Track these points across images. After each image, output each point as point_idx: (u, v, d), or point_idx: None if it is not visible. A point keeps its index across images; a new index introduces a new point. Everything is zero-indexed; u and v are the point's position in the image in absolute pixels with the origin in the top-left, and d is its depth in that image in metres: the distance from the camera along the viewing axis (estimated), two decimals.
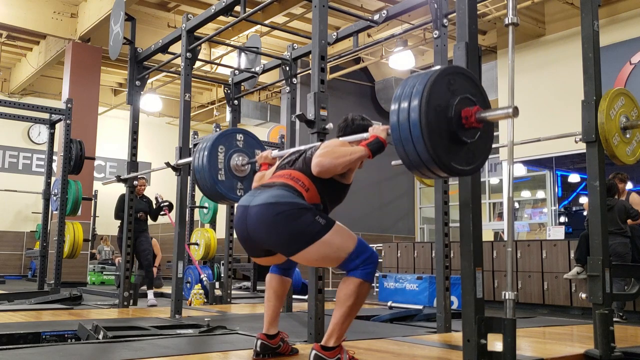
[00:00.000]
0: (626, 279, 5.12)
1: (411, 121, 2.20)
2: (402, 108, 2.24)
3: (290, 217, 2.48)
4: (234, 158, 3.77)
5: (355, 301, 2.51)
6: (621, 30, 9.27)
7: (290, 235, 2.50)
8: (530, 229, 11.72)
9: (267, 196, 2.56)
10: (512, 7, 2.60)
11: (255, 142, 3.90)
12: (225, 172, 3.72)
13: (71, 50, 11.11)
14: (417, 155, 2.22)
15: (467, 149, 2.33)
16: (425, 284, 7.58)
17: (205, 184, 3.70)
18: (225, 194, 3.70)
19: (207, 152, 3.65)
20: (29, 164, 15.35)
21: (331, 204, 2.73)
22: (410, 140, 2.21)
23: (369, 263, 2.53)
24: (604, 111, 3.23)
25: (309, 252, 2.50)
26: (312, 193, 2.62)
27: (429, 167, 2.25)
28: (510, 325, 2.47)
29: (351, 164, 2.56)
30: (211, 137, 3.75)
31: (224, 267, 7.05)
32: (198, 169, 3.71)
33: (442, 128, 2.23)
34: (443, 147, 2.23)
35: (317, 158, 2.56)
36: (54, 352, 3.08)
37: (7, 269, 14.29)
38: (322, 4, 3.88)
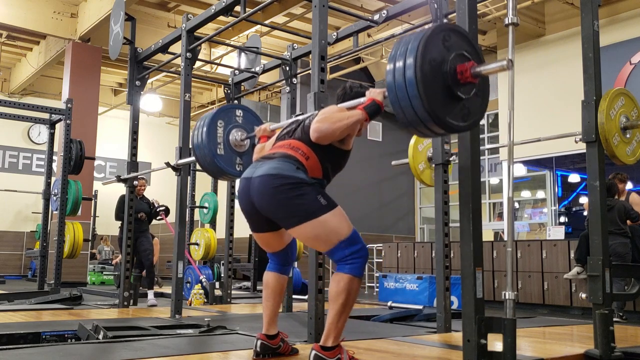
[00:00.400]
0: (626, 279, 5.12)
1: (407, 78, 2.21)
2: (398, 67, 2.25)
3: (291, 191, 2.51)
4: (233, 133, 3.77)
5: (347, 298, 2.50)
6: (621, 30, 9.27)
7: (290, 208, 2.52)
8: (530, 229, 11.72)
9: (269, 167, 2.58)
10: (512, 7, 2.60)
11: (254, 118, 3.90)
12: (224, 147, 3.73)
13: (71, 50, 11.11)
14: (413, 112, 2.24)
15: (462, 105, 2.35)
16: (425, 284, 7.58)
17: (205, 158, 3.71)
18: (224, 169, 3.71)
19: (206, 128, 3.66)
20: (29, 164, 15.36)
21: (333, 171, 2.75)
22: (407, 97, 2.23)
23: (358, 257, 2.52)
24: (604, 111, 3.23)
25: (304, 228, 2.52)
26: (313, 161, 2.63)
27: (426, 124, 2.27)
28: (510, 325, 2.47)
29: (349, 129, 2.57)
30: (210, 113, 3.76)
31: (224, 267, 7.05)
32: (197, 145, 3.71)
33: (437, 83, 2.25)
34: (439, 103, 2.25)
35: (315, 124, 2.58)
36: (54, 352, 3.08)
37: (7, 269, 14.30)
38: (322, 4, 3.88)
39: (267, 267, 2.94)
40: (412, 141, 4.65)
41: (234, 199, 7.24)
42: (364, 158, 13.04)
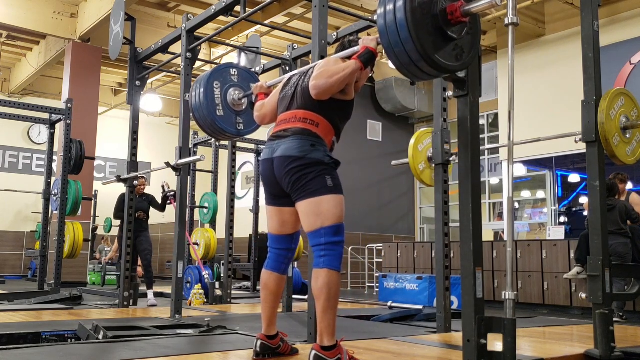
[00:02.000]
0: (626, 279, 5.12)
1: (398, 21, 2.25)
2: (388, 10, 2.29)
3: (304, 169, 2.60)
4: (230, 93, 3.78)
5: (329, 292, 2.52)
6: (621, 30, 9.27)
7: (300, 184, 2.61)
8: (530, 229, 11.72)
9: (286, 148, 2.67)
10: (512, 7, 2.60)
11: (249, 76, 3.90)
12: (223, 108, 3.74)
13: (71, 50, 11.11)
14: (406, 55, 2.28)
15: (455, 45, 2.39)
16: (425, 284, 7.58)
17: (205, 120, 3.71)
18: (225, 129, 3.72)
19: (203, 89, 3.66)
20: (29, 164, 15.36)
21: (342, 123, 2.82)
22: (399, 41, 2.26)
23: (331, 249, 2.56)
24: (604, 111, 3.23)
25: (304, 203, 2.62)
26: (323, 125, 2.71)
27: (419, 66, 2.31)
28: (510, 325, 2.47)
29: (346, 79, 2.62)
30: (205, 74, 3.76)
31: (224, 267, 7.05)
32: (196, 107, 3.71)
33: (428, 25, 2.29)
34: (431, 44, 2.29)
35: (313, 81, 2.64)
36: (54, 352, 3.08)
37: (7, 269, 14.31)
38: (322, 4, 3.88)
39: (265, 265, 2.89)
40: (412, 141, 4.65)
41: (234, 199, 7.25)
42: (364, 158, 13.03)
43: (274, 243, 2.89)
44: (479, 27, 2.56)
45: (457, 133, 2.75)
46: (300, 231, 2.89)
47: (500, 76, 11.02)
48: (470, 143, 2.67)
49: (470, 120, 2.70)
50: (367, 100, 13.62)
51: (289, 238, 2.88)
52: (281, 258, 2.88)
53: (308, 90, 2.71)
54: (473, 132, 2.69)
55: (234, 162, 7.35)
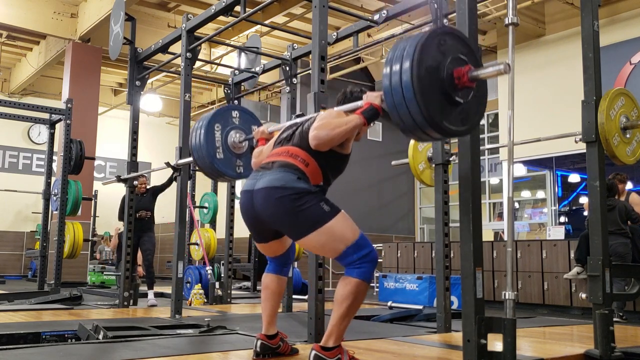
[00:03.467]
0: (626, 279, 5.12)
1: (403, 83, 2.19)
2: (394, 71, 2.24)
3: (294, 202, 2.50)
4: (231, 135, 3.76)
5: (353, 301, 2.50)
6: (621, 30, 9.27)
7: (294, 220, 2.52)
8: (530, 229, 11.72)
9: (270, 179, 2.58)
10: (512, 7, 2.60)
11: (251, 118, 3.89)
12: (223, 150, 3.71)
13: (71, 50, 11.11)
14: (411, 118, 2.22)
15: (461, 109, 2.32)
16: (425, 284, 7.58)
17: (204, 162, 3.70)
18: (224, 172, 3.70)
19: (204, 131, 3.64)
20: (29, 164, 15.36)
21: (333, 175, 2.74)
22: (404, 103, 2.20)
23: (367, 261, 2.51)
24: (604, 111, 3.23)
25: (311, 238, 2.52)
26: (312, 167, 2.62)
27: (424, 130, 2.25)
28: (510, 325, 2.47)
29: (348, 134, 2.56)
30: (207, 115, 3.75)
31: (224, 267, 7.05)
32: (196, 148, 3.70)
33: (434, 89, 2.23)
34: (436, 108, 2.22)
35: (314, 131, 2.57)
36: (54, 352, 3.08)
37: (7, 269, 14.30)
38: (322, 4, 3.88)
39: (266, 269, 2.95)
40: (412, 141, 4.65)
41: (234, 199, 7.24)
42: (364, 158, 13.03)
43: (269, 258, 2.95)
44: (486, 92, 2.47)
45: None
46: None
47: (500, 76, 11.00)
48: (470, 143, 2.67)
49: None
50: None
51: (283, 255, 2.92)
52: (281, 262, 2.93)
53: (307, 135, 2.64)
54: (473, 132, 2.68)
55: None
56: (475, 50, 2.43)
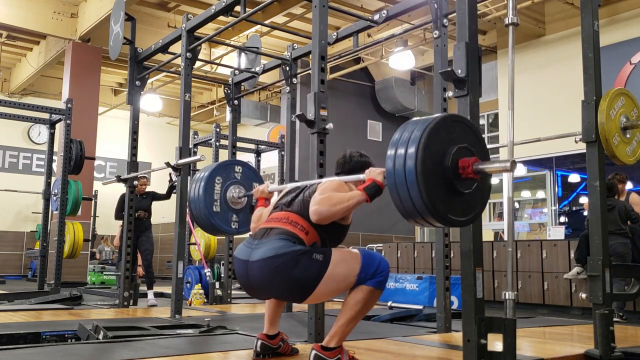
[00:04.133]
0: (626, 279, 5.12)
1: (407, 168, 2.17)
2: (399, 154, 2.22)
3: (289, 266, 2.44)
4: (231, 190, 3.73)
5: (363, 307, 2.53)
6: (621, 30, 9.27)
7: (293, 285, 2.47)
8: (530, 229, 11.71)
9: (266, 250, 2.51)
10: (512, 7, 2.61)
11: (253, 175, 3.88)
12: (220, 204, 3.67)
13: (71, 50, 11.11)
14: (411, 203, 2.19)
15: (463, 199, 2.29)
16: (425, 284, 7.58)
17: (200, 214, 3.66)
18: (219, 227, 3.66)
19: (204, 183, 3.62)
20: (29, 164, 15.35)
21: (332, 245, 2.67)
22: (405, 186, 2.18)
23: (380, 272, 2.54)
24: (604, 111, 3.23)
25: (318, 293, 2.50)
26: (312, 235, 2.57)
27: (424, 216, 2.22)
28: (510, 325, 2.47)
29: (349, 210, 2.52)
30: (209, 167, 3.72)
31: (224, 267, 7.05)
32: (194, 200, 3.66)
33: (438, 176, 2.20)
34: (438, 196, 2.19)
35: (315, 206, 2.51)
36: (54, 352, 3.08)
37: (7, 269, 14.29)
38: (322, 4, 3.88)
39: None
40: None
41: None
42: None
43: None
44: (489, 186, 2.44)
45: None
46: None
47: (500, 76, 11.02)
48: None
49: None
50: (367, 100, 13.63)
51: None
52: None
53: (308, 204, 2.60)
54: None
55: None
56: (482, 140, 2.41)
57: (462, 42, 2.69)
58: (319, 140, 3.63)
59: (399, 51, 10.83)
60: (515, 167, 2.26)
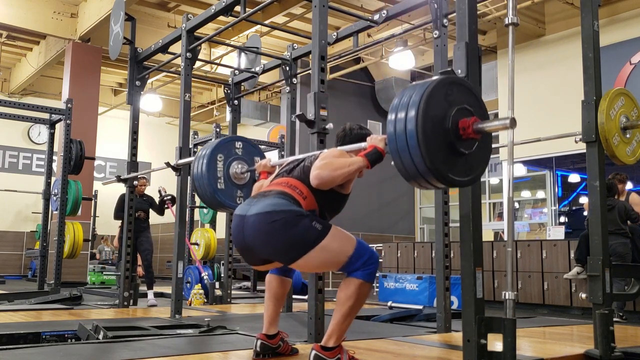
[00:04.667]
0: (626, 279, 5.12)
1: (408, 132, 2.18)
2: (399, 118, 2.22)
3: (287, 225, 2.46)
4: (233, 166, 3.75)
5: (356, 302, 2.52)
6: (621, 30, 9.27)
7: (288, 244, 2.48)
8: (530, 229, 11.71)
9: (263, 205, 2.54)
10: (512, 7, 2.60)
11: (255, 150, 3.89)
12: (224, 181, 3.69)
13: (71, 50, 11.11)
14: (414, 166, 2.20)
15: (464, 159, 2.30)
16: (425, 284, 7.58)
17: (205, 192, 3.68)
18: (224, 202, 3.68)
19: (206, 160, 3.63)
20: (29, 164, 15.35)
21: (330, 214, 2.71)
22: (407, 150, 2.19)
23: (370, 264, 2.53)
24: (604, 111, 3.23)
25: (308, 259, 2.49)
26: (310, 201, 2.60)
27: (426, 178, 2.23)
28: (510, 325, 2.47)
29: (350, 175, 2.55)
30: (210, 145, 3.73)
31: (224, 267, 7.05)
32: (197, 177, 3.69)
33: (439, 139, 2.21)
34: (440, 158, 2.21)
35: (316, 170, 2.53)
36: (54, 352, 3.08)
37: (7, 269, 14.29)
38: (322, 4, 3.88)
39: (269, 271, 2.94)
40: None
41: None
42: None
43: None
44: (490, 145, 2.46)
45: None
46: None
47: (500, 76, 11.02)
48: None
49: None
50: (367, 100, 13.63)
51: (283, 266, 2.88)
52: (284, 267, 2.90)
53: (308, 171, 2.63)
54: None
55: None
56: (481, 100, 2.41)
57: (462, 42, 2.69)
58: (319, 140, 3.63)
59: (399, 51, 10.83)
60: (515, 125, 2.27)
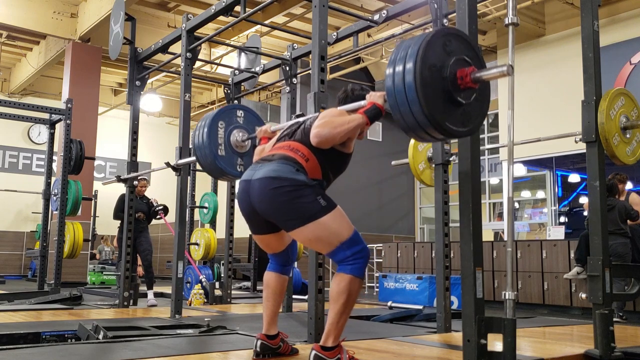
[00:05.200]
0: (626, 279, 5.12)
1: (406, 83, 2.20)
2: (397, 71, 2.24)
3: (290, 194, 2.50)
4: (234, 134, 3.76)
5: (348, 298, 2.51)
6: (621, 30, 9.27)
7: (290, 211, 2.52)
8: (530, 229, 11.72)
9: (268, 170, 2.58)
10: (512, 7, 2.60)
11: (255, 119, 3.90)
12: (225, 148, 3.72)
13: (71, 50, 11.11)
14: (413, 117, 2.23)
15: (462, 110, 2.33)
16: (425, 284, 7.58)
17: (206, 159, 3.70)
18: (224, 169, 3.71)
19: (207, 128, 3.65)
20: (29, 164, 15.36)
21: (333, 174, 2.74)
22: (406, 102, 2.22)
23: (359, 258, 2.52)
24: (604, 111, 3.23)
25: (305, 230, 2.52)
26: (312, 163, 2.63)
27: (425, 129, 2.26)
28: (510, 325, 2.47)
29: (350, 133, 2.57)
30: (211, 114, 3.75)
31: (224, 267, 7.05)
32: (198, 145, 3.71)
33: (437, 88, 2.24)
34: (438, 108, 2.23)
35: (316, 129, 2.57)
36: (54, 352, 3.08)
37: (7, 269, 14.30)
38: (322, 4, 3.88)
39: (267, 267, 2.94)
40: (412, 141, 4.65)
41: (234, 199, 7.23)
42: (364, 158, 13.03)
43: (270, 256, 2.94)
44: (489, 94, 2.48)
45: None
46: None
47: None
48: (470, 143, 2.67)
49: None
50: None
51: (282, 253, 2.90)
52: (281, 261, 2.92)
53: (309, 132, 2.65)
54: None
55: None
56: (479, 52, 2.43)
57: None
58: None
59: None
60: (513, 72, 2.28)
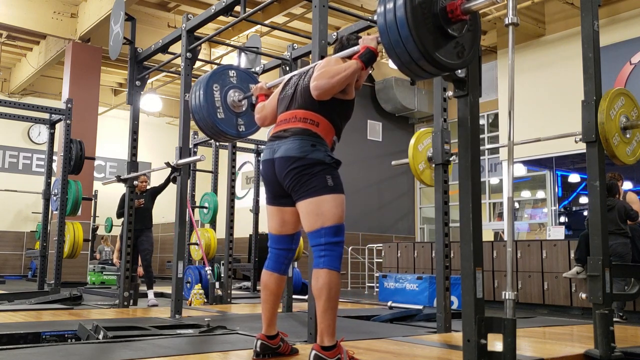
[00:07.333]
0: (626, 279, 5.12)
1: (398, 20, 2.25)
2: (388, 8, 2.29)
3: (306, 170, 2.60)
4: (230, 94, 3.77)
5: (329, 292, 2.53)
6: (621, 30, 9.28)
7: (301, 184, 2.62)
8: (530, 229, 11.72)
9: (287, 149, 2.67)
10: (512, 7, 2.60)
11: (248, 77, 3.90)
12: (223, 110, 3.73)
13: (71, 50, 11.11)
14: (407, 54, 2.28)
15: (456, 42, 2.40)
16: (425, 284, 7.58)
17: (206, 123, 3.70)
18: (226, 131, 3.72)
19: (202, 91, 3.65)
20: (29, 164, 15.36)
21: (342, 121, 2.82)
22: (400, 40, 2.26)
23: (329, 250, 2.56)
24: (604, 111, 3.23)
25: (304, 204, 2.62)
26: (323, 124, 2.71)
27: (420, 64, 2.31)
28: (510, 325, 2.47)
29: (347, 80, 2.63)
30: (204, 76, 3.75)
31: (224, 267, 7.05)
32: (196, 109, 3.70)
33: (429, 23, 2.29)
34: (432, 42, 2.29)
35: (314, 82, 2.64)
36: (54, 352, 3.08)
37: (7, 269, 14.31)
38: (322, 4, 3.88)
39: (265, 265, 2.89)
40: (412, 141, 4.65)
41: (234, 199, 7.24)
42: (364, 158, 13.03)
43: (274, 243, 2.89)
44: (479, 25, 2.56)
45: (457, 133, 2.75)
46: (301, 232, 2.89)
47: (500, 76, 11.02)
48: (470, 143, 2.67)
49: (470, 120, 2.70)
50: (367, 100, 13.63)
51: (289, 238, 2.87)
52: (281, 258, 2.87)
53: (308, 90, 2.71)
54: (473, 132, 2.69)
55: (234, 162, 7.35)
56: None
57: None
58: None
59: None
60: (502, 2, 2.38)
